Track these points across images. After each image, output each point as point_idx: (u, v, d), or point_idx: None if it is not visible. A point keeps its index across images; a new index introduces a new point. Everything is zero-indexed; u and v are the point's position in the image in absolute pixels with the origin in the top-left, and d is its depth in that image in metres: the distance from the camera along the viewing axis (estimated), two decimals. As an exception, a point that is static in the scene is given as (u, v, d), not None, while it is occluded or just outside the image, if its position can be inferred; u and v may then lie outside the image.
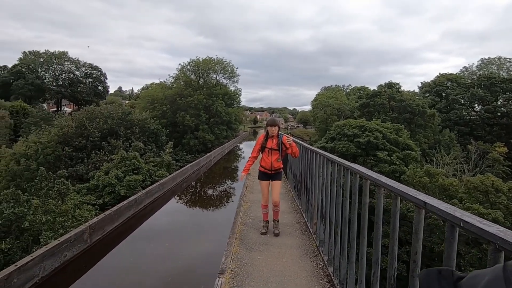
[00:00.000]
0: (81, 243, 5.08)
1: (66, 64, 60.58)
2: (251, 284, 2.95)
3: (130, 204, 6.96)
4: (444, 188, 13.58)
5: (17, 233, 9.23)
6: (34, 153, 17.36)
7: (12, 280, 3.68)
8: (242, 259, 3.47)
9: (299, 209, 5.19)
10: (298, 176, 5.24)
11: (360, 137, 17.19)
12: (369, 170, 2.17)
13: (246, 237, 4.09)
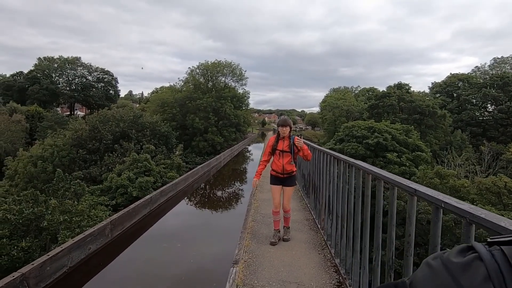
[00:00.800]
0: (103, 237, 5.49)
1: (79, 69, 62.27)
2: (263, 273, 3.15)
3: (146, 203, 7.40)
4: (455, 190, 13.43)
5: (36, 232, 9.63)
6: (50, 155, 17.98)
7: (46, 268, 4.05)
8: (254, 251, 3.67)
9: (307, 207, 5.34)
10: (307, 176, 5.38)
11: (369, 139, 17.15)
12: (372, 166, 2.33)
13: (257, 232, 4.26)
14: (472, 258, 0.40)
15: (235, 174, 17.29)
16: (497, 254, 0.39)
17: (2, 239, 8.69)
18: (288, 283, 2.97)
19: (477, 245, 0.42)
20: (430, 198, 1.39)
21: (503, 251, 0.39)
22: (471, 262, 0.39)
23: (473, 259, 0.40)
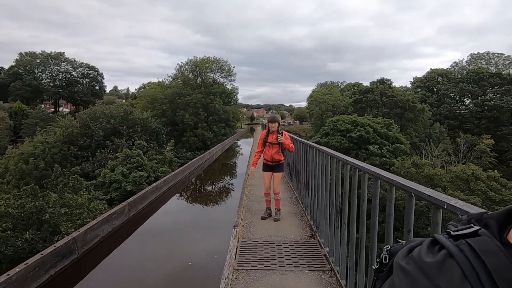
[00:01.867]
0: (123, 215, 6.72)
1: (63, 65, 60.81)
2: (256, 231, 4.25)
3: (153, 190, 8.80)
4: (430, 178, 14.62)
5: (37, 225, 10.09)
6: (42, 152, 18.10)
7: (87, 235, 5.16)
8: (249, 219, 4.72)
9: (291, 188, 6.46)
10: (291, 163, 6.43)
11: (352, 132, 18.18)
12: (336, 152, 3.12)
13: (250, 207, 5.31)
14: (444, 256, 0.40)
15: (227, 166, 18.36)
16: (465, 249, 0.40)
17: (6, 231, 9.15)
18: (275, 236, 4.09)
19: (442, 240, 0.43)
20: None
21: (470, 245, 0.40)
22: (444, 261, 0.40)
23: (444, 257, 0.40)
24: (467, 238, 0.41)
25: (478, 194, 12.62)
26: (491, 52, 39.88)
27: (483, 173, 13.54)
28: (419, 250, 0.45)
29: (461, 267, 0.38)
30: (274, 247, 3.72)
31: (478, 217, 0.46)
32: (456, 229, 0.45)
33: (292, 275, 3.09)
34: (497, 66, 38.91)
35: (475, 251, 0.39)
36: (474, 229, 0.43)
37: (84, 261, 4.95)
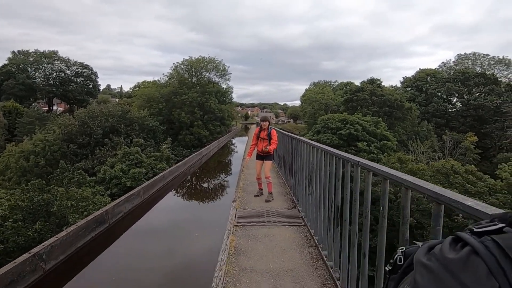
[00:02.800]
0: (139, 197, 8.06)
1: (57, 63, 60.53)
2: (250, 204, 5.43)
3: (160, 179, 10.16)
4: (413, 172, 15.59)
5: (45, 217, 10.76)
6: (42, 150, 18.58)
7: (114, 210, 6.40)
8: (244, 197, 5.89)
9: (280, 175, 7.68)
10: (280, 154, 7.64)
11: (342, 130, 19.10)
12: (312, 141, 3.94)
13: (246, 189, 6.48)
14: (468, 253, 0.39)
15: (223, 159, 19.39)
16: (491, 246, 0.39)
17: (17, 222, 9.81)
18: (265, 207, 5.29)
19: (465, 237, 0.42)
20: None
21: (497, 242, 0.39)
22: (468, 258, 0.39)
23: (468, 253, 0.39)
24: (492, 235, 0.41)
25: (456, 187, 13.62)
26: (477, 53, 41.40)
27: (461, 168, 14.57)
28: (440, 247, 0.44)
29: (487, 263, 0.37)
30: (264, 213, 4.85)
31: (502, 217, 0.45)
32: (480, 226, 0.44)
33: (276, 228, 4.31)
34: (482, 66, 40.39)
35: (501, 247, 0.38)
36: (499, 226, 0.42)
37: (113, 229, 6.30)
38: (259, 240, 3.87)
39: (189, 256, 5.70)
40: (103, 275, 5.01)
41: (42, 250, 4.55)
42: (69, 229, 5.19)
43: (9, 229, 9.49)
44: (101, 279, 4.93)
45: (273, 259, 3.37)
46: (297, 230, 4.23)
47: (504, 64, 39.00)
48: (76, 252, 5.24)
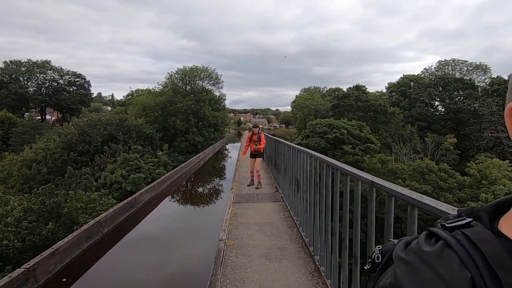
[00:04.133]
0: (153, 191, 9.56)
1: (49, 73, 60.95)
2: (244, 190, 7.15)
3: (165, 180, 11.85)
4: (393, 172, 17.03)
5: (56, 218, 11.72)
6: (43, 158, 19.36)
7: (137, 199, 7.77)
8: (239, 187, 7.65)
9: (268, 171, 9.50)
10: (268, 154, 9.34)
11: (329, 134, 20.49)
12: (290, 143, 5.21)
13: (240, 181, 8.31)
14: (442, 246, 0.43)
15: (220, 162, 20.79)
16: (461, 239, 0.42)
17: (32, 223, 10.75)
18: (255, 192, 7.04)
19: (438, 232, 0.46)
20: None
21: (466, 234, 0.42)
22: (442, 250, 0.42)
23: (442, 247, 0.42)
24: (461, 229, 0.44)
25: (430, 183, 15.07)
26: (456, 59, 43.82)
27: (435, 166, 16.06)
28: (417, 242, 0.47)
29: (459, 255, 0.40)
30: (254, 196, 6.50)
31: (468, 211, 0.49)
32: (450, 221, 0.48)
33: (263, 204, 6.14)
34: (461, 72, 42.78)
35: (471, 240, 0.41)
36: (467, 221, 0.46)
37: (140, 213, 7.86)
38: (250, 209, 5.70)
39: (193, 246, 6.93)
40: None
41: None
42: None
43: (25, 229, 10.44)
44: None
45: (259, 218, 5.24)
46: (277, 204, 6.14)
47: (481, 70, 41.46)
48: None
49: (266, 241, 4.34)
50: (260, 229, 4.75)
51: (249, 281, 3.21)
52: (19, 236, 10.35)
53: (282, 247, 4.10)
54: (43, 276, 4.42)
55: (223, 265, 3.52)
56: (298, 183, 4.41)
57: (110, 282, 5.29)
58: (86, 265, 5.77)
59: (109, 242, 6.50)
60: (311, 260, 3.65)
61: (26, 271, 4.16)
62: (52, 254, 4.76)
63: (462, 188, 14.63)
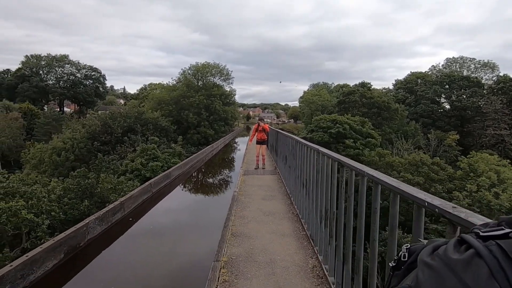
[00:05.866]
0: (168, 179, 11.21)
1: (67, 67, 63.65)
2: (250, 182, 8.06)
3: (181, 166, 14.00)
4: (390, 165, 18.34)
5: (89, 197, 13.63)
6: (71, 147, 21.43)
7: (155, 183, 9.29)
8: (247, 167, 9.72)
9: (272, 159, 11.11)
10: (271, 142, 11.07)
11: (332, 129, 21.84)
12: (288, 134, 6.76)
13: (248, 165, 10.05)
14: (471, 255, 0.40)
15: (229, 152, 22.81)
16: (495, 250, 0.39)
17: (72, 200, 12.66)
18: (260, 170, 9.21)
19: (470, 240, 0.43)
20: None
21: (500, 246, 0.40)
22: (471, 259, 0.39)
23: (472, 255, 0.40)
24: (497, 239, 0.41)
25: (422, 175, 16.36)
26: (464, 57, 43.99)
27: (429, 160, 17.29)
28: (445, 248, 0.45)
29: (489, 266, 0.38)
30: (259, 171, 8.42)
31: (509, 221, 0.45)
32: (486, 230, 0.45)
33: (265, 176, 8.40)
34: (469, 69, 43.00)
35: (505, 252, 0.38)
36: (505, 232, 0.43)
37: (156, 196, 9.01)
38: (255, 179, 7.97)
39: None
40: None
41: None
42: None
43: (65, 205, 12.35)
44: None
45: (261, 182, 7.49)
46: (275, 176, 8.35)
47: (489, 68, 41.58)
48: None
49: (263, 192, 6.65)
50: (260, 187, 7.11)
51: (251, 208, 5.54)
52: (62, 210, 12.30)
53: (273, 195, 6.43)
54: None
55: (236, 201, 5.90)
56: (286, 158, 6.15)
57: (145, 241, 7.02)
58: (127, 225, 7.60)
59: (140, 213, 8.22)
60: (290, 202, 5.81)
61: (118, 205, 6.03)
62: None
63: (452, 180, 15.87)
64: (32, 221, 10.01)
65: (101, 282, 4.36)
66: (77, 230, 5.10)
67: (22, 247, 9.45)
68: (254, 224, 4.56)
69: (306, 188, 4.03)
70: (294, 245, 3.75)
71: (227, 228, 4.23)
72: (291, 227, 4.43)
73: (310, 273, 3.04)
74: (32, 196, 11.42)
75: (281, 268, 3.15)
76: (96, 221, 5.79)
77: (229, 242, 3.77)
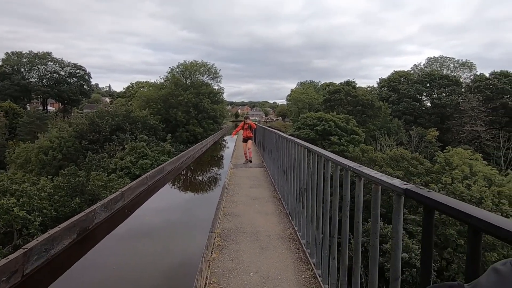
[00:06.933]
0: (162, 173, 11.37)
1: (50, 64, 62.04)
2: (239, 174, 8.53)
3: (173, 162, 13.84)
4: (373, 160, 19.22)
5: (80, 194, 13.79)
6: (58, 146, 21.27)
7: (150, 177, 9.42)
8: (236, 162, 10.19)
9: (258, 151, 11.69)
10: (258, 138, 11.72)
11: (318, 126, 22.58)
12: (273, 129, 7.29)
13: (237, 160, 10.37)
14: None
15: (219, 149, 23.25)
16: None
17: (63, 197, 12.81)
18: (249, 172, 8.80)
19: None
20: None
21: None
22: None
23: None
24: None
25: (402, 169, 17.28)
26: (444, 56, 45.88)
27: (408, 155, 18.24)
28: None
29: None
30: (247, 166, 8.76)
31: None
32: None
33: (252, 169, 8.92)
34: (448, 69, 44.87)
35: None
36: None
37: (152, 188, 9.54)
38: (244, 171, 8.54)
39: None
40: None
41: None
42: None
43: (57, 202, 12.50)
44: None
45: (248, 174, 8.04)
46: (262, 169, 8.87)
47: (467, 67, 43.54)
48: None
49: (251, 182, 7.29)
50: (249, 178, 7.76)
51: (240, 194, 6.15)
52: (53, 207, 12.43)
53: (259, 184, 7.07)
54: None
55: (226, 189, 6.46)
56: (271, 151, 6.61)
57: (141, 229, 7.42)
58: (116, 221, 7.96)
59: (138, 203, 8.59)
60: (274, 189, 6.52)
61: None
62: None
63: (429, 173, 16.86)
64: (24, 218, 10.20)
65: (111, 257, 4.95)
66: (87, 214, 5.67)
67: (14, 244, 9.64)
68: (242, 206, 5.21)
69: (286, 174, 4.60)
70: (275, 220, 4.47)
71: (219, 209, 4.80)
72: (274, 208, 5.11)
73: (287, 238, 3.80)
74: (23, 194, 11.54)
75: (264, 236, 3.86)
76: (101, 208, 6.36)
77: (221, 220, 4.36)
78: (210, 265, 3.07)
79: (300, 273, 2.95)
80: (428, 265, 1.21)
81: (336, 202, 2.52)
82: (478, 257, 0.93)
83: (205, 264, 3.05)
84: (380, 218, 1.80)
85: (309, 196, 3.19)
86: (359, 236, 1.99)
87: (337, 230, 2.42)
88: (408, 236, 11.54)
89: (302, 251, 3.37)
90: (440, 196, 1.23)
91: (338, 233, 2.35)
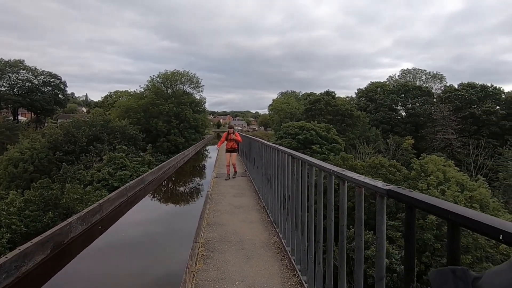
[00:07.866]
0: (143, 184, 11.03)
1: (22, 72, 59.45)
2: (222, 183, 8.46)
3: (154, 172, 13.48)
4: (353, 167, 19.66)
5: (53, 208, 13.09)
6: (30, 157, 20.15)
7: (130, 187, 8.97)
8: (219, 172, 9.85)
9: (243, 162, 11.35)
10: (242, 149, 11.49)
11: (300, 135, 22.91)
12: (258, 138, 7.30)
13: (219, 174, 9.96)
14: None
15: (201, 159, 22.77)
16: None
17: (34, 212, 12.10)
18: (232, 181, 8.69)
19: None
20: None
21: None
22: None
23: None
24: None
25: (381, 176, 17.78)
26: (417, 68, 48.63)
27: (387, 162, 18.85)
28: None
29: None
30: (230, 176, 8.51)
31: None
32: None
33: (236, 178, 8.83)
34: (421, 80, 47.47)
35: None
36: None
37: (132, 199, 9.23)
38: (227, 182, 8.27)
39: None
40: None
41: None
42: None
43: (27, 217, 11.78)
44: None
45: (232, 183, 8.01)
46: (245, 178, 8.88)
47: (438, 79, 46.27)
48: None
49: (235, 191, 7.23)
50: (232, 187, 7.69)
51: (224, 203, 6.08)
52: (23, 223, 11.69)
53: (243, 193, 7.01)
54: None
55: (209, 198, 6.39)
56: (255, 160, 6.59)
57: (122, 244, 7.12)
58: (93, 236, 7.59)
59: (109, 221, 8.24)
60: (258, 197, 6.52)
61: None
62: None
63: (406, 180, 17.47)
64: (-11, 236, 9.53)
65: (88, 273, 4.68)
66: (62, 228, 5.31)
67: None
68: (226, 215, 5.13)
69: (270, 182, 4.61)
70: (260, 228, 4.45)
71: (203, 219, 4.70)
72: (258, 216, 5.08)
73: (272, 246, 3.78)
74: (-11, 209, 10.81)
75: (249, 244, 3.82)
76: (78, 221, 5.95)
77: (205, 229, 4.27)
78: (194, 275, 2.99)
79: (286, 280, 2.94)
80: (411, 259, 1.28)
81: (321, 207, 2.56)
82: (457, 251, 0.98)
83: (189, 275, 2.97)
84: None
85: (293, 202, 3.20)
86: (344, 239, 2.03)
87: (322, 235, 2.45)
88: (388, 242, 11.81)
89: (288, 258, 3.37)
90: (420, 195, 1.29)
91: (323, 238, 2.39)
